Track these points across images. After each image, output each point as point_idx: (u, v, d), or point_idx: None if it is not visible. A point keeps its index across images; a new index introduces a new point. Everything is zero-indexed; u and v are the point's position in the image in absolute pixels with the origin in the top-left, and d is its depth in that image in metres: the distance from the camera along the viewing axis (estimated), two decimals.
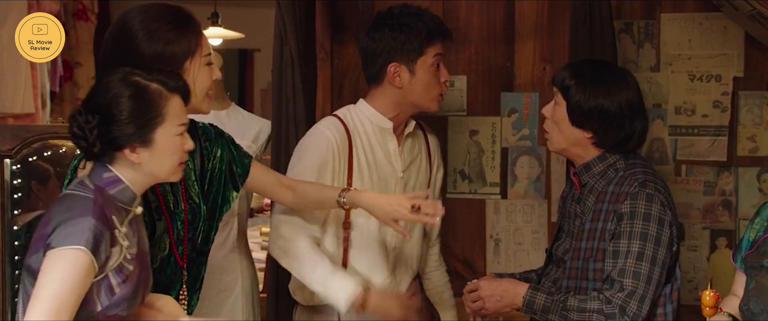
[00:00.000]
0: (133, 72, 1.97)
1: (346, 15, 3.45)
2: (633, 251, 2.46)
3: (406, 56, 2.67)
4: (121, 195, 1.97)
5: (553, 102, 2.63)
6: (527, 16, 3.37)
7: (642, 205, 2.47)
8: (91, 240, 1.83)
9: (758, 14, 2.82)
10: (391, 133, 2.74)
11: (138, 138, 1.93)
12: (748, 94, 3.25)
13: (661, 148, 3.30)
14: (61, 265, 1.82)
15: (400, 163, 2.76)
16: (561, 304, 2.49)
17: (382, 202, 2.44)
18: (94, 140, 1.92)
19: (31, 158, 2.81)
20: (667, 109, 3.30)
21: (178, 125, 1.98)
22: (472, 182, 3.43)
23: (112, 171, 1.96)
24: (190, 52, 2.16)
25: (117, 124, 1.92)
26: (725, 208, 3.28)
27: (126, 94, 1.93)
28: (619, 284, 2.45)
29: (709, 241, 3.29)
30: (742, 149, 3.27)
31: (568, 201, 2.70)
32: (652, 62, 3.30)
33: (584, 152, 2.59)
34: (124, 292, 1.92)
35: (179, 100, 2.00)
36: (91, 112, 1.93)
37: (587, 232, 2.57)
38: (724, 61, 3.25)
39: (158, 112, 1.95)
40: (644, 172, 2.55)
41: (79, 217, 1.86)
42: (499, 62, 3.40)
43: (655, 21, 3.29)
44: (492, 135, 3.42)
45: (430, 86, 2.70)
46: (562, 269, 2.64)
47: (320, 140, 2.67)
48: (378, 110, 2.73)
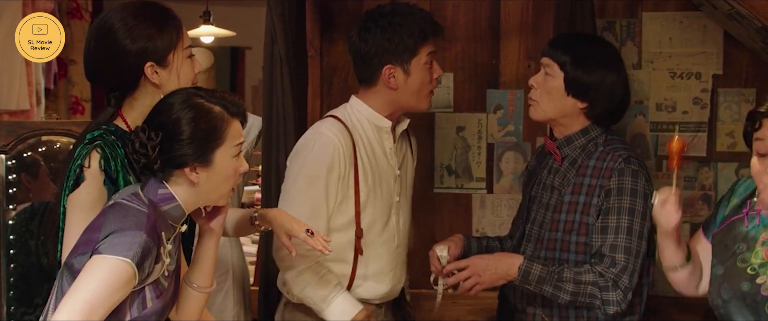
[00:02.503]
0: (197, 93, 2.01)
1: (335, 13, 3.49)
2: (622, 226, 2.55)
3: (400, 57, 2.64)
4: (172, 212, 1.99)
5: (542, 72, 2.68)
6: (512, 14, 3.42)
7: (628, 181, 2.58)
8: (139, 254, 1.85)
9: (736, 13, 2.86)
10: (388, 132, 2.73)
11: (198, 158, 1.96)
12: (727, 91, 3.30)
13: (643, 143, 3.35)
14: (104, 271, 1.83)
15: (396, 160, 2.76)
16: (557, 274, 2.55)
17: (283, 217, 2.42)
18: (155, 157, 1.95)
19: (25, 154, 2.83)
20: (649, 105, 3.35)
21: (235, 146, 2.01)
22: (459, 177, 3.49)
23: (167, 188, 1.99)
24: (172, 45, 2.19)
25: (180, 143, 1.95)
26: (705, 203, 3.34)
27: (189, 115, 1.96)
28: (610, 259, 2.54)
29: (689, 235, 3.27)
30: (721, 145, 3.32)
31: (542, 173, 2.75)
32: (634, 60, 3.35)
33: (570, 123, 2.67)
34: (155, 306, 1.96)
35: (238, 124, 2.03)
36: (154, 130, 1.95)
37: (567, 204, 2.64)
38: (704, 59, 3.30)
39: (220, 135, 1.98)
40: (625, 148, 2.67)
41: (132, 230, 1.87)
42: (485, 60, 3.44)
43: (636, 20, 3.33)
44: (478, 131, 3.47)
45: (424, 85, 2.69)
46: (539, 240, 2.69)
47: (326, 145, 2.62)
48: (374, 109, 2.71)
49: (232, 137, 2.00)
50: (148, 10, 2.21)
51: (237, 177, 2.05)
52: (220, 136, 1.98)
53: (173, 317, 2.15)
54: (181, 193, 2.00)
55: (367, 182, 2.67)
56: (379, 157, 2.72)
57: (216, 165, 1.99)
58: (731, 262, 2.22)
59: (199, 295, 2.15)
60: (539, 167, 2.81)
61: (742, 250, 2.22)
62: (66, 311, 1.80)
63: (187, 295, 2.15)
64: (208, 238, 2.14)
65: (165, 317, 2.04)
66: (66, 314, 1.80)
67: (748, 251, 2.20)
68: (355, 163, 2.65)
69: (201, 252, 2.15)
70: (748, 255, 2.20)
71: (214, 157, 1.98)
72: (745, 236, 2.21)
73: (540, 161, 2.84)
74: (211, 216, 2.12)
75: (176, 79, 2.19)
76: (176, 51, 2.21)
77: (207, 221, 2.12)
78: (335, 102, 3.43)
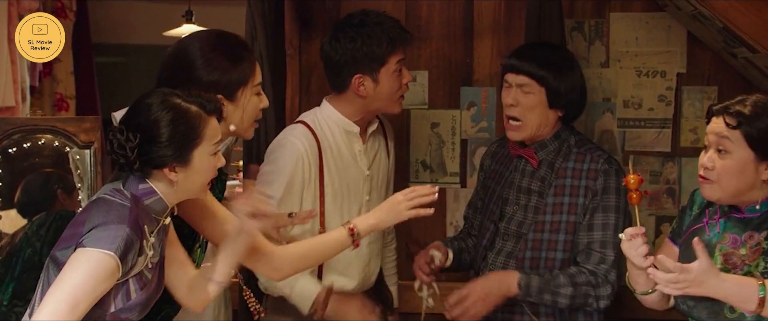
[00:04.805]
0: (173, 93, 2.01)
1: (314, 13, 3.53)
2: (609, 224, 2.67)
3: (369, 67, 2.67)
4: (154, 206, 2.01)
5: (517, 90, 2.70)
6: (485, 14, 3.48)
7: (613, 181, 2.70)
8: (121, 247, 1.87)
9: (699, 14, 2.93)
10: (358, 136, 2.77)
11: (177, 158, 1.98)
12: (691, 89, 3.38)
13: (610, 139, 3.42)
14: (88, 264, 1.86)
15: (365, 161, 2.80)
16: (553, 282, 2.64)
17: None
18: (134, 158, 1.96)
19: (11, 150, 2.89)
20: (616, 102, 3.42)
21: (213, 144, 2.03)
22: (433, 172, 3.55)
23: (147, 183, 2.01)
24: (244, 81, 2.21)
25: (158, 144, 1.96)
26: (669, 196, 3.42)
27: (167, 116, 1.97)
28: (598, 256, 2.66)
29: (655, 227, 3.42)
30: (684, 141, 3.40)
31: (513, 175, 2.80)
32: (602, 59, 3.42)
33: (546, 131, 2.75)
34: (139, 298, 1.98)
35: (215, 121, 2.04)
36: (132, 131, 1.96)
37: (551, 206, 2.73)
38: (669, 58, 3.37)
39: (197, 134, 1.99)
40: (598, 147, 2.81)
41: (114, 223, 1.89)
42: (458, 58, 3.50)
43: (604, 20, 3.40)
44: (452, 127, 3.53)
45: (393, 91, 2.72)
46: (523, 241, 2.75)
47: (290, 152, 2.67)
48: (343, 114, 2.74)
49: (210, 136, 2.02)
50: (225, 43, 2.21)
51: (214, 171, 2.07)
52: (198, 136, 2.00)
53: (188, 303, 2.18)
54: (161, 188, 2.02)
55: (334, 186, 2.72)
56: (347, 161, 2.76)
57: (194, 163, 2.01)
58: None
59: (215, 288, 2.16)
60: (502, 168, 2.87)
61: None
62: (51, 304, 1.84)
63: (204, 286, 2.16)
64: (244, 239, 2.14)
65: (149, 309, 2.05)
66: (51, 306, 1.83)
67: None
68: (321, 169, 2.70)
69: (232, 251, 2.13)
70: None
71: (193, 156, 2.00)
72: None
73: (500, 162, 2.90)
74: (254, 216, 2.11)
75: (241, 113, 2.21)
76: (247, 87, 2.22)
77: (248, 221, 2.11)
78: (314, 99, 3.50)
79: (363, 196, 2.80)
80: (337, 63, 2.70)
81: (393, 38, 2.68)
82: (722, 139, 2.16)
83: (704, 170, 2.19)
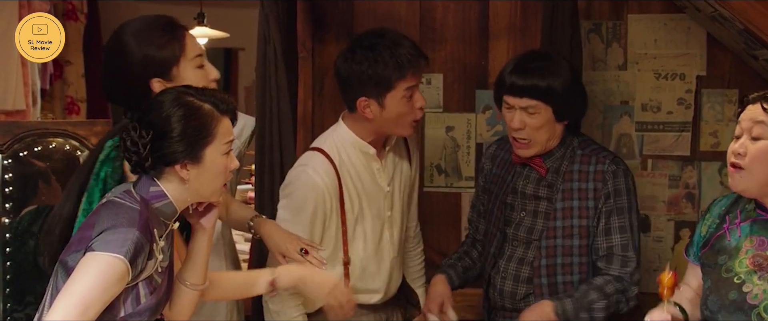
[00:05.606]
0: (186, 91, 2.02)
1: (327, 15, 3.51)
2: (626, 225, 2.67)
3: (375, 91, 2.58)
4: (164, 209, 2.01)
5: (522, 112, 2.63)
6: (501, 16, 3.45)
7: (622, 181, 2.68)
8: (131, 251, 1.87)
9: (719, 15, 2.89)
10: (374, 156, 2.70)
11: (189, 155, 1.98)
12: (711, 91, 3.34)
13: (629, 143, 3.39)
14: (98, 268, 1.85)
15: (385, 178, 2.74)
16: (585, 299, 2.62)
17: (276, 236, 2.48)
18: (146, 155, 1.96)
19: (22, 153, 2.85)
20: (634, 106, 3.38)
21: (225, 144, 2.03)
22: (448, 176, 3.52)
23: (158, 185, 2.00)
24: (175, 58, 2.19)
25: (170, 141, 1.96)
26: (689, 201, 3.38)
27: (179, 112, 1.97)
28: (621, 259, 2.66)
29: (674, 232, 3.39)
30: (704, 144, 3.36)
31: (517, 182, 2.76)
32: (620, 61, 3.38)
33: (554, 142, 2.72)
34: (149, 302, 1.97)
35: (228, 122, 2.04)
36: (145, 128, 1.97)
37: (561, 210, 2.69)
38: (688, 61, 3.34)
39: (209, 132, 1.99)
40: (603, 148, 2.79)
41: (124, 227, 1.89)
42: (474, 61, 3.47)
43: (622, 21, 3.36)
44: (467, 131, 3.51)
45: (402, 116, 2.62)
46: (535, 248, 2.72)
47: (310, 189, 2.61)
48: (357, 134, 2.68)
49: (222, 135, 2.02)
50: (148, 25, 2.20)
51: (228, 174, 2.07)
52: (209, 134, 2.00)
53: (167, 314, 2.18)
54: (172, 191, 2.01)
55: (354, 212, 2.68)
56: (366, 182, 2.71)
57: (206, 162, 2.00)
58: (717, 274, 2.22)
59: (191, 292, 2.17)
60: (503, 173, 2.84)
61: (726, 261, 2.22)
62: (61, 308, 1.83)
63: (180, 292, 2.17)
64: (201, 235, 2.16)
65: (159, 313, 2.06)
66: (61, 311, 1.82)
67: (731, 260, 2.21)
68: (341, 200, 2.66)
69: (193, 249, 2.17)
70: (731, 264, 2.20)
71: (204, 154, 2.00)
72: (728, 248, 2.21)
73: (500, 166, 2.86)
74: (203, 213, 2.14)
75: None
76: (180, 63, 2.20)
77: (198, 218, 2.14)
78: (326, 102, 3.48)
79: (384, 213, 2.76)
80: (345, 81, 2.64)
81: (402, 64, 2.57)
82: (758, 124, 2.14)
83: (735, 156, 2.17)
